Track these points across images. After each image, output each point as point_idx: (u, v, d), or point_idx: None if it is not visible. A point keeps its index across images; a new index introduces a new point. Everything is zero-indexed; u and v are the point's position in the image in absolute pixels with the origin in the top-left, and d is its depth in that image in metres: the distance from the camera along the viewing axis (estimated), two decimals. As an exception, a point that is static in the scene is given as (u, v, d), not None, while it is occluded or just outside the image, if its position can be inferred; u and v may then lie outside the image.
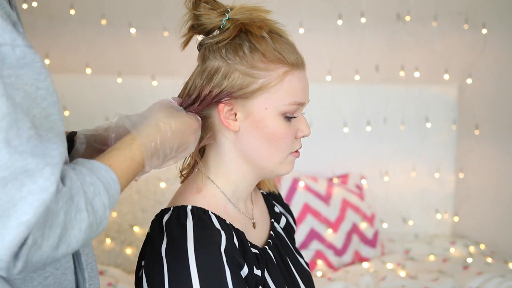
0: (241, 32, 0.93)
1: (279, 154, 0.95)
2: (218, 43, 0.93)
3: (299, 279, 1.04)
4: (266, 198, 1.13)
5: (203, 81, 0.94)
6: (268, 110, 0.92)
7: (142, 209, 2.08)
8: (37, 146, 0.66)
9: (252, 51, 0.91)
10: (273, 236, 1.05)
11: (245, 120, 0.93)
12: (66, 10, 2.14)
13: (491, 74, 2.31)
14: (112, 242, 2.02)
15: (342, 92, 2.38)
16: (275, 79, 0.92)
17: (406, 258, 2.21)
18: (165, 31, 2.23)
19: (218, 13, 0.93)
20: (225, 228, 0.91)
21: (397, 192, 2.45)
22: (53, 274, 0.81)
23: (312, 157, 2.37)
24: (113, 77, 2.20)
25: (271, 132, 0.93)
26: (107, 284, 1.79)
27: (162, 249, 0.88)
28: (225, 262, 0.86)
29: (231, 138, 0.95)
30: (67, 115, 2.11)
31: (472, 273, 1.97)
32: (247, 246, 0.94)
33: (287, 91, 0.93)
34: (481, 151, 2.37)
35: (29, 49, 0.69)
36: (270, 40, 0.92)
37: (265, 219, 1.08)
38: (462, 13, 2.28)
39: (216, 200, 0.96)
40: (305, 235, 2.14)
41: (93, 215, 0.70)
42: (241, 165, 0.96)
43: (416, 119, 2.40)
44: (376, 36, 2.36)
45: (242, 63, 0.91)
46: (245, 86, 0.91)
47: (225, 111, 0.93)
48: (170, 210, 0.93)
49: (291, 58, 0.93)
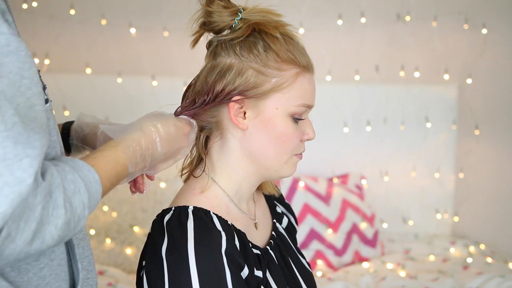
0: (254, 31, 0.93)
1: (285, 155, 0.96)
2: (232, 40, 0.93)
3: (301, 279, 1.04)
4: (268, 198, 1.13)
5: (215, 77, 0.93)
6: (278, 110, 0.93)
7: (142, 209, 2.08)
8: (21, 134, 0.65)
9: (266, 50, 0.92)
10: (275, 237, 1.05)
11: (254, 119, 0.93)
12: (66, 10, 2.14)
13: (491, 74, 2.31)
14: (112, 242, 2.02)
15: (342, 92, 2.38)
16: (288, 80, 0.93)
17: (406, 258, 2.21)
18: (165, 31, 2.23)
19: (231, 12, 0.94)
20: (226, 229, 0.91)
21: (397, 192, 2.45)
22: (48, 265, 0.80)
23: (312, 157, 2.36)
24: (113, 77, 2.20)
25: (280, 131, 0.93)
26: (107, 284, 1.79)
27: (162, 249, 0.88)
28: (226, 263, 0.86)
29: (238, 137, 0.95)
30: (67, 115, 2.11)
31: (472, 273, 1.97)
32: (248, 247, 0.94)
33: (298, 92, 0.94)
34: (481, 151, 2.37)
35: (14, 37, 0.68)
36: (283, 41, 0.93)
37: (267, 219, 1.08)
38: (462, 13, 2.28)
39: (219, 200, 0.96)
40: (305, 235, 2.14)
41: (71, 212, 0.69)
42: (246, 164, 0.96)
43: (416, 119, 2.40)
44: (376, 36, 2.36)
45: (256, 61, 0.92)
46: (258, 85, 0.92)
47: (235, 109, 0.93)
48: (172, 210, 0.93)
49: (303, 60, 0.94)
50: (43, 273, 0.80)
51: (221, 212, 0.94)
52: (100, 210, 2.07)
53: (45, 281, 0.80)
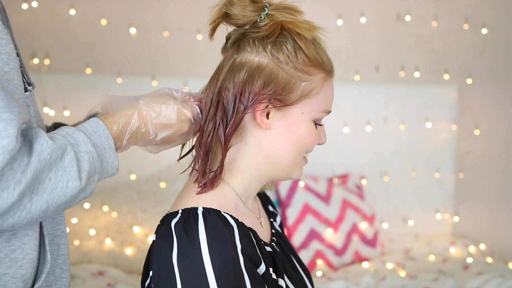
0: (284, 31, 0.91)
1: (299, 157, 0.95)
2: (264, 39, 0.90)
3: (304, 275, 1.04)
4: (260, 198, 1.12)
5: (243, 77, 0.90)
6: (303, 115, 0.92)
7: (142, 209, 2.08)
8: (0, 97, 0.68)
9: (297, 51, 0.90)
10: (276, 234, 1.05)
11: (278, 120, 0.92)
12: (66, 10, 2.14)
13: (491, 74, 2.31)
14: (112, 242, 2.02)
15: (342, 92, 2.38)
16: (317, 86, 0.92)
17: (406, 258, 2.21)
18: (165, 31, 2.23)
19: (257, 8, 0.91)
20: (240, 228, 0.87)
21: (397, 192, 2.45)
22: (20, 248, 0.82)
23: (312, 157, 2.36)
24: (113, 77, 2.20)
25: (303, 135, 0.93)
26: (106, 285, 1.79)
27: (173, 256, 0.82)
28: (243, 265, 0.82)
29: (258, 136, 0.92)
30: (67, 115, 2.11)
31: (472, 273, 1.97)
32: (261, 244, 0.92)
33: (324, 98, 0.94)
34: (481, 151, 2.37)
35: None
36: (312, 44, 0.92)
37: (266, 218, 1.08)
38: (462, 13, 2.28)
39: (227, 198, 0.92)
40: (305, 235, 2.13)
41: None
42: (260, 164, 0.94)
43: (416, 119, 2.40)
44: (376, 36, 2.36)
45: (288, 62, 0.90)
46: (288, 91, 0.90)
47: (261, 109, 0.90)
48: (179, 214, 0.87)
49: (329, 64, 0.94)
50: (15, 255, 0.81)
51: (230, 210, 0.91)
52: (100, 210, 2.07)
53: (18, 264, 0.82)
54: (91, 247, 2.00)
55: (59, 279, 0.92)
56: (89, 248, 1.99)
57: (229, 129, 0.90)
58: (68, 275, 0.94)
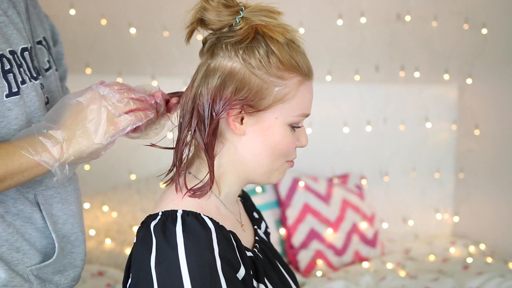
0: (258, 34, 0.89)
1: (278, 162, 0.94)
2: (236, 44, 0.88)
3: (290, 281, 1.04)
4: (244, 204, 1.10)
5: (216, 83, 0.89)
6: (278, 120, 0.90)
7: (142, 209, 2.08)
8: None
9: (270, 55, 0.88)
10: (259, 241, 1.03)
11: (252, 126, 0.90)
12: (66, 10, 2.14)
13: (491, 74, 2.31)
14: (112, 243, 2.02)
15: (342, 92, 2.38)
16: (292, 90, 0.90)
17: (406, 258, 2.21)
18: (165, 31, 2.23)
19: (232, 12, 0.89)
20: (219, 231, 0.86)
21: (397, 192, 2.45)
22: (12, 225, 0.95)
23: (312, 157, 2.37)
24: (113, 77, 2.20)
25: (277, 140, 0.91)
26: (106, 285, 1.79)
27: (151, 259, 0.82)
28: (220, 268, 0.82)
29: (235, 142, 0.92)
30: (67, 115, 2.11)
31: (472, 273, 1.97)
32: (241, 247, 0.91)
33: (299, 103, 0.91)
34: (481, 151, 2.37)
35: None
36: (287, 47, 0.89)
37: (249, 224, 1.07)
38: (462, 13, 2.28)
39: (209, 201, 0.92)
40: (305, 235, 2.13)
41: None
42: (239, 169, 0.93)
43: (416, 119, 2.40)
44: (376, 36, 2.36)
45: (260, 67, 0.88)
46: (261, 97, 0.88)
47: (234, 114, 0.89)
48: (159, 216, 0.87)
49: (305, 67, 0.91)
50: (10, 230, 0.94)
51: (211, 213, 0.90)
52: (100, 210, 2.07)
53: (14, 238, 0.94)
54: (91, 247, 2.00)
55: (69, 253, 1.05)
56: (89, 248, 1.99)
57: (206, 136, 0.89)
58: (81, 250, 1.07)
